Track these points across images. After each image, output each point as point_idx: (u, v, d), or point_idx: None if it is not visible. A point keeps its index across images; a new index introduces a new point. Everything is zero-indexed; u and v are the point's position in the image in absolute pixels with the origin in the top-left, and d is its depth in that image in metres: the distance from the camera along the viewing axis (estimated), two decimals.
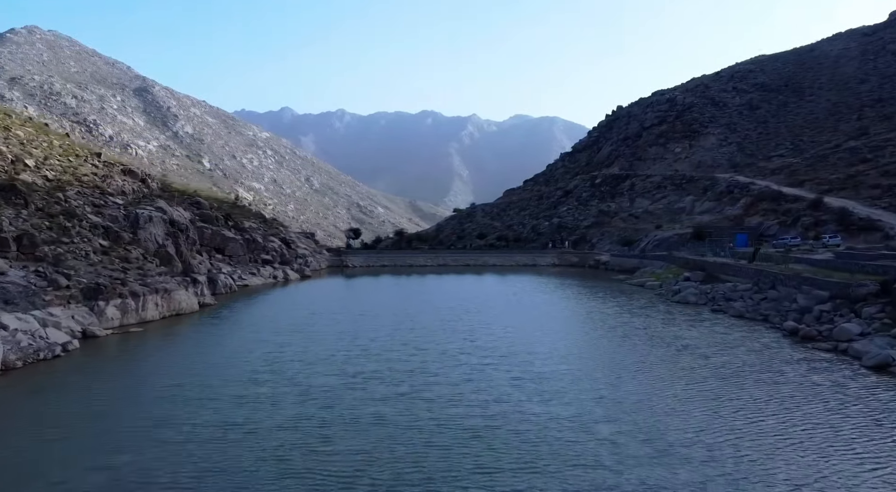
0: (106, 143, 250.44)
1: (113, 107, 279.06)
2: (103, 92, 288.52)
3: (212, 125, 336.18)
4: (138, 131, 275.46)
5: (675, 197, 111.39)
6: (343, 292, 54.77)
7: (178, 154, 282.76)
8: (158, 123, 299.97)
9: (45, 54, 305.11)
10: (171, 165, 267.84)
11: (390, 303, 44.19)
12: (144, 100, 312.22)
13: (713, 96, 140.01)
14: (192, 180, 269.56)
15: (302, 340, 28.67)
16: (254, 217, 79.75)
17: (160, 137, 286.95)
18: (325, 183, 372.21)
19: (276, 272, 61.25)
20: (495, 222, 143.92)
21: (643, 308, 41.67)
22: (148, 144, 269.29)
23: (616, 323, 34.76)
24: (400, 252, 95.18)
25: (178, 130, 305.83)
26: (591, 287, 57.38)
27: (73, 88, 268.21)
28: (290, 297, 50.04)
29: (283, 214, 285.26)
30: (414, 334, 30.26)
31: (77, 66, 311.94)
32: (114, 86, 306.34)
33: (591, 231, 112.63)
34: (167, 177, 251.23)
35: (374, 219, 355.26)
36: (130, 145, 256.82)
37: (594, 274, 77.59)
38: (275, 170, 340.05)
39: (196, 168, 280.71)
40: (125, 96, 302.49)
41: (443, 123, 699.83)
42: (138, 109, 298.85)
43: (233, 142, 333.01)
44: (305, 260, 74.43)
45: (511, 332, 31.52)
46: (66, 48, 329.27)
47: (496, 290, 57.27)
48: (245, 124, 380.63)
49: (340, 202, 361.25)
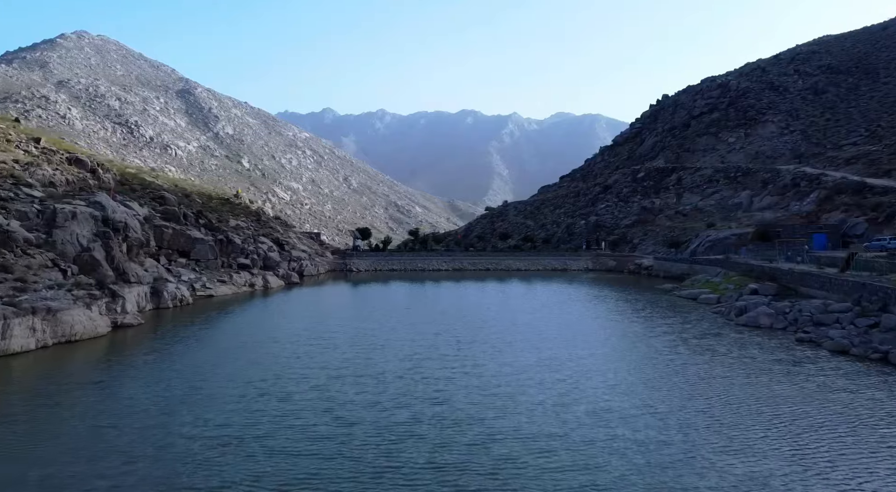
0: (146, 143, 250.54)
1: (155, 108, 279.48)
2: (147, 94, 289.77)
3: (252, 126, 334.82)
4: (179, 132, 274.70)
5: (729, 192, 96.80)
6: (325, 307, 43.96)
7: (217, 154, 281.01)
8: (199, 123, 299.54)
9: (93, 58, 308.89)
10: (210, 165, 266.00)
11: (376, 328, 33.12)
12: (187, 101, 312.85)
13: (772, 81, 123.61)
14: (230, 180, 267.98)
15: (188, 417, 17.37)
16: (247, 215, 70.43)
17: (201, 137, 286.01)
18: (364, 182, 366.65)
19: (253, 279, 51.17)
20: (528, 221, 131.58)
21: (704, 337, 29.43)
22: (188, 145, 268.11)
23: (672, 368, 22.74)
24: (412, 255, 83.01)
25: (218, 130, 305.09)
26: (632, 301, 44.98)
27: (117, 91, 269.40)
28: (254, 313, 39.59)
29: (320, 214, 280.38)
30: (401, 395, 19.28)
31: (123, 69, 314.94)
32: (157, 88, 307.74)
33: (632, 231, 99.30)
34: (204, 176, 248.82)
35: (411, 218, 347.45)
36: (170, 146, 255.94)
37: (635, 281, 64.80)
38: (313, 170, 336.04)
39: (235, 168, 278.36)
40: (168, 98, 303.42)
41: (483, 121, 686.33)
42: (180, 111, 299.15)
43: (273, 142, 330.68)
44: (300, 264, 64.38)
45: (525, 390, 20.14)
46: (114, 52, 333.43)
47: (515, 304, 45.64)
48: (285, 125, 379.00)
49: (378, 202, 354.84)
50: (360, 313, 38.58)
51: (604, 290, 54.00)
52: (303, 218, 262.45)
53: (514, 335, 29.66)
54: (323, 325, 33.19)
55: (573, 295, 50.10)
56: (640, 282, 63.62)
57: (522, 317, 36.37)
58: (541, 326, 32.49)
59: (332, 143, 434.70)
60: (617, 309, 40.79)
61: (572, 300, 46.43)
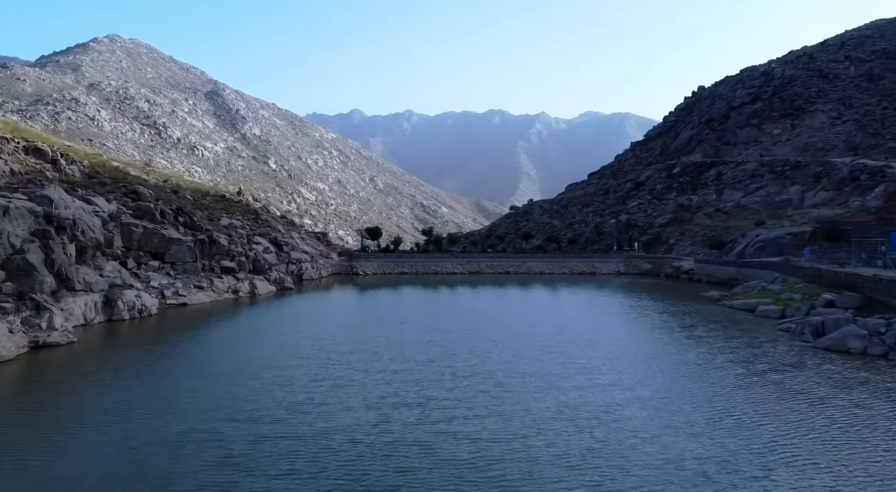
0: (174, 145, 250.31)
1: (184, 110, 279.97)
2: (176, 96, 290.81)
3: (279, 127, 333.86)
4: (207, 133, 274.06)
5: (776, 187, 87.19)
6: (307, 321, 37.16)
7: (244, 155, 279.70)
8: (227, 125, 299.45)
9: (124, 61, 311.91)
10: (237, 165, 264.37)
11: (354, 353, 26.15)
12: (215, 103, 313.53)
13: (820, 68, 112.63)
14: (256, 181, 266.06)
15: None
16: (244, 213, 64.27)
17: (228, 138, 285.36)
18: (390, 183, 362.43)
19: (238, 284, 44.69)
20: (554, 221, 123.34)
21: (782, 369, 21.57)
22: (215, 146, 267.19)
23: (759, 421, 15.21)
24: (424, 256, 74.34)
25: (245, 131, 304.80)
26: (679, 315, 36.90)
27: (146, 93, 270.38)
28: (225, 330, 32.87)
29: (345, 214, 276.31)
30: None
31: (153, 71, 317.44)
32: (186, 90, 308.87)
33: (667, 230, 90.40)
34: (230, 177, 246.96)
35: (437, 219, 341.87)
36: (197, 147, 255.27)
37: (674, 287, 56.41)
38: (339, 170, 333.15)
39: (261, 169, 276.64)
40: (197, 100, 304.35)
41: (510, 121, 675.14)
42: (208, 112, 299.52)
43: (299, 143, 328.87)
44: (300, 267, 57.88)
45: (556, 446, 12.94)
46: (145, 55, 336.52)
47: (537, 316, 38.21)
48: (312, 125, 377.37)
49: (404, 202, 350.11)
50: (343, 330, 31.58)
51: (642, 298, 45.98)
52: (328, 218, 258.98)
53: (532, 363, 22.29)
54: (292, 346, 26.30)
55: (607, 306, 42.26)
56: (681, 288, 55.29)
57: (545, 336, 28.88)
58: (573, 351, 24.98)
59: (360, 144, 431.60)
60: (663, 325, 32.89)
61: (607, 313, 38.63)
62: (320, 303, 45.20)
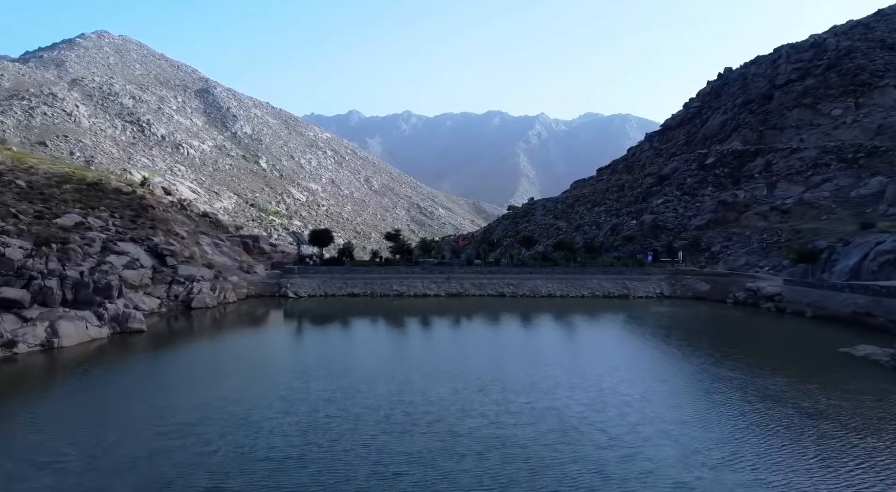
0: (157, 142, 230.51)
1: (171, 107, 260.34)
2: (164, 93, 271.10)
3: (272, 126, 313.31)
4: (194, 131, 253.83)
5: (850, 178, 65.40)
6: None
7: (233, 154, 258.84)
8: (217, 123, 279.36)
9: (112, 58, 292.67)
10: (224, 164, 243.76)
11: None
12: (205, 101, 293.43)
13: (883, 38, 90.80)
14: (244, 180, 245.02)
15: None
16: (125, 207, 42.36)
17: (217, 137, 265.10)
18: (386, 184, 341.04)
19: (18, 331, 23.28)
20: (559, 222, 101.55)
21: None
22: (202, 144, 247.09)
23: None
24: (384, 271, 49.63)
25: (236, 130, 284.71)
26: (823, 407, 15.06)
27: (132, 89, 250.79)
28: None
29: (337, 216, 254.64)
30: None
31: (142, 68, 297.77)
32: (176, 87, 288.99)
33: (707, 234, 68.57)
34: (216, 175, 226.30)
35: (433, 221, 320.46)
36: (183, 145, 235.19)
37: (766, 328, 34.54)
38: (334, 170, 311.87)
39: (250, 168, 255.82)
40: (186, 97, 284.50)
41: (510, 123, 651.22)
42: (198, 110, 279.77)
43: (293, 142, 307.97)
44: (189, 288, 36.22)
45: None
46: (134, 52, 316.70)
47: (546, 400, 16.35)
48: (307, 125, 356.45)
49: (400, 204, 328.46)
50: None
51: (726, 356, 24.01)
52: (318, 219, 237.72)
53: None
54: None
55: (669, 378, 20.28)
56: (773, 326, 33.47)
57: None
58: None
59: (357, 144, 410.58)
60: (804, 439, 11.16)
61: (672, 393, 16.86)
62: (142, 377, 22.71)
